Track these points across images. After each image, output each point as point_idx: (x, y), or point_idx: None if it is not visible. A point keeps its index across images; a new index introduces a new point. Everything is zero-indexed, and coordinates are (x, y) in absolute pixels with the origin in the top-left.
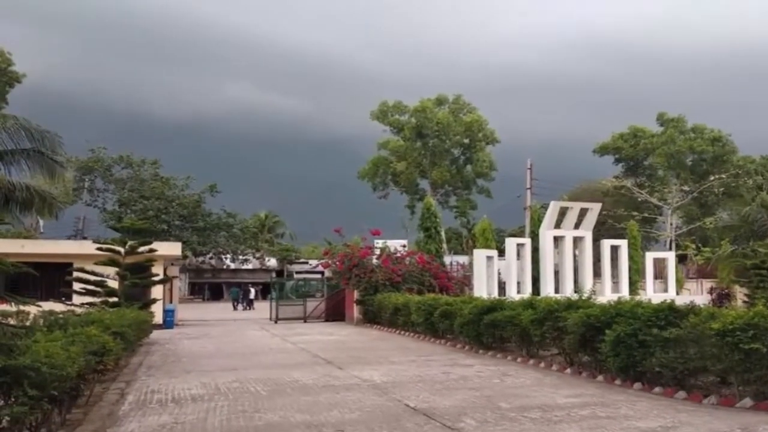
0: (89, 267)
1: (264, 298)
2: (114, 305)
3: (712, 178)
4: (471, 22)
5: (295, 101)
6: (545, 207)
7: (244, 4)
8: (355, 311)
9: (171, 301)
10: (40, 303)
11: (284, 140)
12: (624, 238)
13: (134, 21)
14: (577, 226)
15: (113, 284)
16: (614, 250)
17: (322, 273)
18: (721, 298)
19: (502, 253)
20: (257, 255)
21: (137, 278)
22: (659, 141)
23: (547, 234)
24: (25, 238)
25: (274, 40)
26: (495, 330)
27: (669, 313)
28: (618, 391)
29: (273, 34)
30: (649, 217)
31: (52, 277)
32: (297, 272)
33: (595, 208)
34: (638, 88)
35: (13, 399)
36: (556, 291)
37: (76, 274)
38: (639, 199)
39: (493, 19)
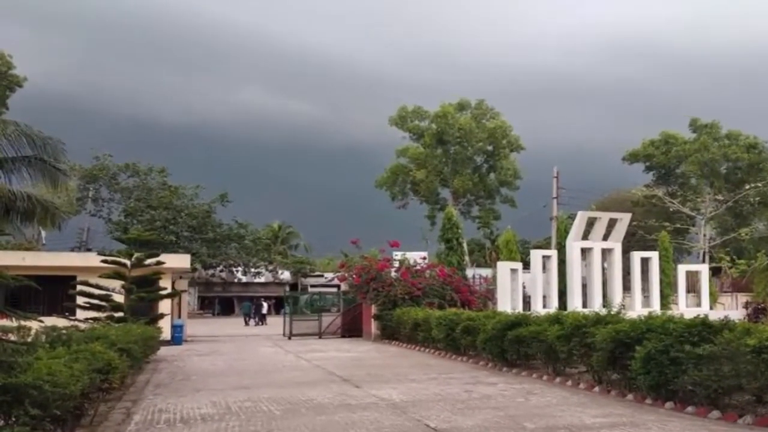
0: (94, 280)
1: (277, 312)
2: (120, 320)
3: (747, 186)
4: (494, 24)
5: (310, 106)
6: (572, 217)
7: (257, 5)
8: (373, 327)
9: (179, 316)
10: (42, 318)
11: (299, 147)
12: (655, 249)
13: (138, 21)
14: (605, 237)
15: (119, 298)
16: (645, 262)
17: (338, 287)
18: (757, 312)
19: (527, 265)
20: (270, 268)
21: (144, 292)
22: (692, 148)
23: (574, 245)
24: (27, 250)
25: (287, 42)
26: (519, 346)
27: (702, 328)
28: (649, 410)
29: (286, 36)
30: (681, 228)
31: (54, 291)
32: (312, 286)
33: (624, 219)
34: (670, 93)
35: (13, 419)
36: (584, 305)
37: (79, 287)
38: (671, 209)
39: (517, 21)
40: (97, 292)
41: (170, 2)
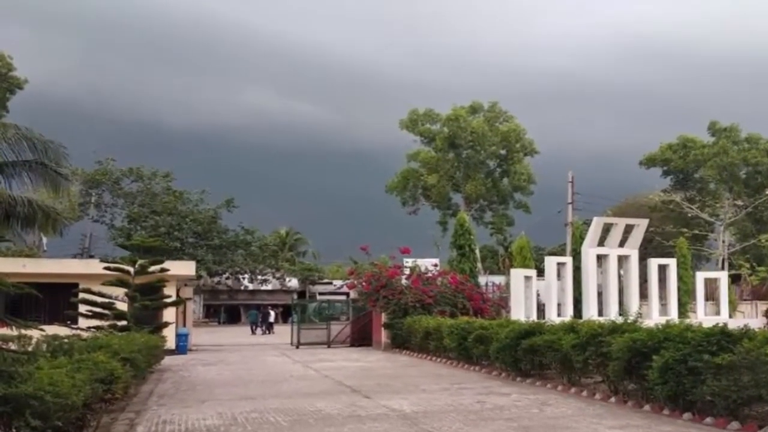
0: (96, 288)
1: (284, 321)
2: (123, 329)
3: (767, 191)
4: (508, 25)
5: (318, 108)
6: (588, 223)
7: (262, 4)
8: (383, 335)
9: (184, 325)
10: (44, 327)
11: (307, 150)
12: (673, 256)
13: (143, 22)
14: (622, 243)
15: (122, 306)
16: (662, 269)
17: (348, 294)
18: None
19: (541, 272)
20: (277, 275)
21: (148, 300)
22: (711, 152)
23: (589, 252)
24: (27, 256)
25: (296, 42)
26: (533, 356)
27: (721, 337)
28: (666, 421)
29: (295, 36)
30: (699, 234)
31: (56, 299)
32: (320, 293)
33: (641, 225)
34: (688, 96)
35: (14, 430)
36: (600, 314)
37: (82, 295)
38: (689, 215)
39: (531, 21)
40: (99, 300)
41: (172, 2)
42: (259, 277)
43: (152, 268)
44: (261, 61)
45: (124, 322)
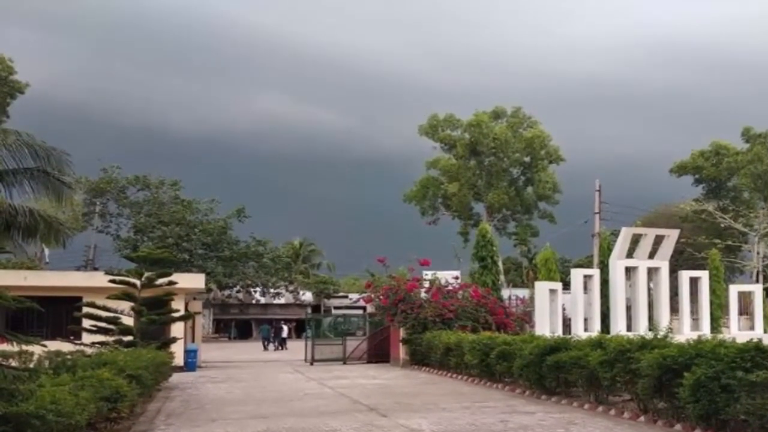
0: (101, 302)
1: (298, 336)
2: (129, 345)
3: None
4: (533, 27)
5: (335, 114)
6: (616, 234)
7: (276, 6)
8: (401, 351)
9: (193, 341)
10: (46, 342)
11: (322, 158)
12: (705, 268)
13: (150, 24)
14: (651, 255)
15: (128, 321)
16: (694, 282)
17: (364, 308)
18: None
19: (567, 285)
20: (290, 288)
21: (155, 314)
22: (745, 159)
23: (617, 264)
24: (29, 269)
25: (311, 45)
26: (559, 373)
27: (756, 353)
28: None
29: (310, 39)
30: (733, 246)
31: (58, 313)
32: (335, 307)
33: (672, 235)
34: (721, 100)
35: None
36: (628, 329)
37: (85, 309)
38: (722, 225)
39: (558, 23)
40: (104, 314)
41: (181, 4)
42: (272, 290)
43: (160, 281)
44: (273, 65)
45: (130, 338)
